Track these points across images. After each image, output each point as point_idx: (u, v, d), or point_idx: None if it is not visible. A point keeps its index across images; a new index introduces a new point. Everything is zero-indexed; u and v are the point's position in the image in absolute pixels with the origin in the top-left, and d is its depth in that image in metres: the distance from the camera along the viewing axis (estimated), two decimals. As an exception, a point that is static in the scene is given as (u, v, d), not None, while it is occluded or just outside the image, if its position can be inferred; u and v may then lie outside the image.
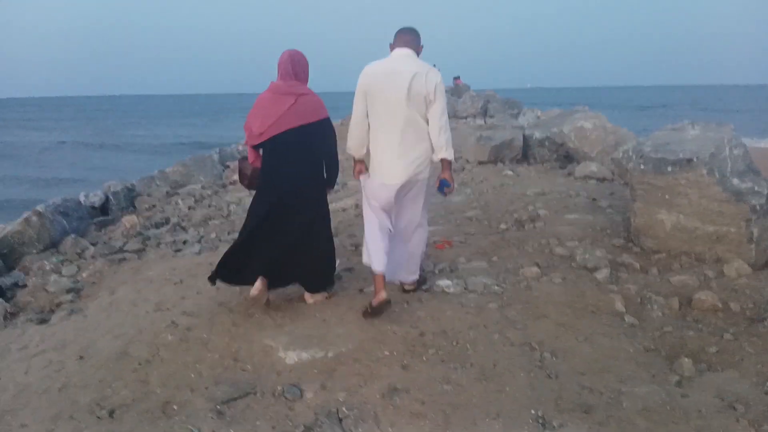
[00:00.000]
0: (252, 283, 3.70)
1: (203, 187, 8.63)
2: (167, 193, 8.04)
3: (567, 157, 8.94)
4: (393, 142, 3.54)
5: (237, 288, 4.23)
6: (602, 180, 7.61)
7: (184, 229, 6.39)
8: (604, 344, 3.20)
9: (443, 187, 3.66)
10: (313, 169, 3.73)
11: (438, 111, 3.51)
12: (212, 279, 3.83)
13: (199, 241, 5.81)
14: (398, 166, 3.56)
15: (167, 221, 6.68)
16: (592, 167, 7.69)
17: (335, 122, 4.09)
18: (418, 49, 3.64)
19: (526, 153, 9.54)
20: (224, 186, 9.24)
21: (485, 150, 9.22)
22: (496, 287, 4.05)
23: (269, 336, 3.45)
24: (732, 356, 3.00)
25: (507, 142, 9.33)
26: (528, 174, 8.41)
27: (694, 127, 4.93)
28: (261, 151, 3.75)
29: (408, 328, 3.46)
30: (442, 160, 3.61)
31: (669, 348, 3.14)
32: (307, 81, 3.74)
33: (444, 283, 4.15)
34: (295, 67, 3.63)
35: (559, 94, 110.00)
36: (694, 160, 4.47)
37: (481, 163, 9.33)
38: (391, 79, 3.47)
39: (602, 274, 4.10)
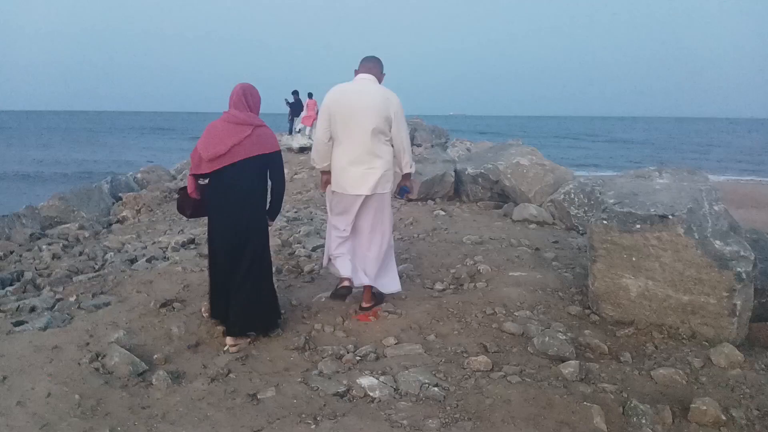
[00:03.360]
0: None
1: (81, 227, 7.16)
2: (31, 235, 6.55)
3: (502, 195, 8.20)
4: (359, 157, 3.83)
5: (76, 396, 3.01)
6: (542, 224, 6.88)
7: (37, 288, 5.01)
8: (592, 497, 2.25)
9: (403, 192, 4.31)
10: (261, 201, 3.74)
11: (402, 131, 3.93)
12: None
13: (52, 308, 4.47)
14: (365, 179, 3.85)
15: (19, 276, 5.26)
16: (532, 210, 6.94)
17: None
18: (380, 76, 4.00)
19: (458, 189, 8.74)
20: (109, 225, 7.80)
21: (415, 186, 8.31)
22: (435, 389, 3.05)
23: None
24: None
25: (438, 178, 8.50)
26: (461, 215, 7.57)
27: (662, 175, 4.20)
28: (207, 181, 3.67)
29: (314, 474, 2.38)
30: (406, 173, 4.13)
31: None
32: (258, 113, 3.72)
33: (367, 382, 3.11)
34: (248, 99, 3.62)
35: (481, 122, 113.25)
36: (670, 217, 3.70)
37: (410, 200, 8.41)
38: (357, 99, 3.80)
39: (569, 369, 3.19)
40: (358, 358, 3.47)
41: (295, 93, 20.59)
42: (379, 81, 3.99)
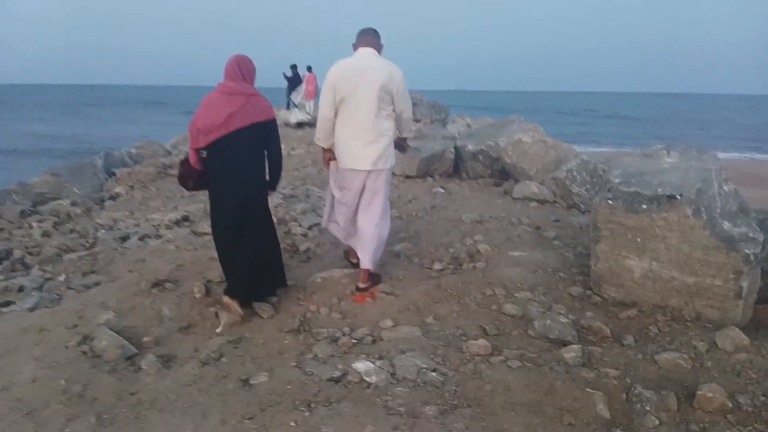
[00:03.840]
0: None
1: (73, 204, 7.00)
2: (22, 212, 6.40)
3: (502, 173, 8.06)
4: (362, 132, 3.81)
5: (62, 381, 2.92)
6: (543, 202, 6.75)
7: (27, 266, 4.88)
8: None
9: (400, 146, 4.25)
10: (261, 169, 3.75)
11: (404, 103, 3.93)
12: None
13: (40, 288, 4.35)
14: (368, 153, 3.83)
15: (8, 255, 5.13)
16: (533, 188, 6.81)
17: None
18: (379, 48, 3.96)
19: (458, 166, 8.58)
20: (102, 201, 7.64)
21: (414, 163, 8.17)
22: (433, 374, 2.95)
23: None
24: None
25: (438, 155, 8.33)
26: (461, 192, 7.43)
27: (670, 154, 4.06)
28: (205, 154, 3.65)
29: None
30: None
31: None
32: (253, 84, 3.74)
33: (363, 366, 3.01)
34: (242, 69, 3.63)
35: (481, 98, 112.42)
36: (678, 197, 3.57)
37: (408, 177, 8.28)
38: (361, 74, 3.76)
39: (571, 353, 3.09)
40: (354, 341, 3.37)
41: (294, 67, 20.23)
42: (379, 53, 3.95)
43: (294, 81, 19.86)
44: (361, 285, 4.07)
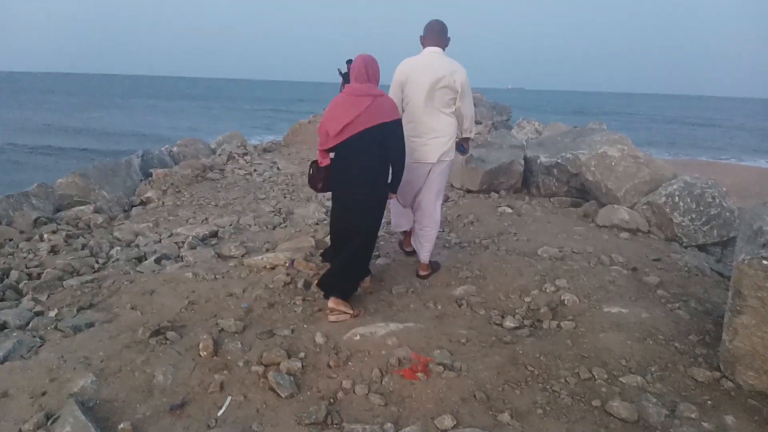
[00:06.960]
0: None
1: (96, 211, 6.34)
2: (36, 220, 5.74)
3: (580, 191, 6.91)
4: (425, 129, 4.02)
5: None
6: (635, 232, 5.59)
7: (19, 293, 4.16)
8: None
9: (462, 147, 4.38)
10: (383, 170, 3.71)
11: (468, 102, 4.08)
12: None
13: (26, 326, 3.61)
14: (430, 149, 4.04)
15: (4, 276, 4.43)
16: (623, 214, 5.65)
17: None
18: (446, 43, 4.09)
19: (526, 180, 7.48)
20: (130, 207, 6.95)
21: (476, 176, 7.13)
22: None
23: None
24: None
25: (505, 166, 7.25)
26: (532, 213, 6.33)
27: None
28: (332, 155, 3.73)
29: None
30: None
31: None
32: (378, 83, 3.74)
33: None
34: (368, 70, 3.67)
35: (541, 97, 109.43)
36: None
37: (469, 191, 7.25)
38: (425, 74, 3.94)
39: None
40: (399, 448, 2.42)
41: (350, 62, 19.47)
42: (445, 48, 4.09)
43: (349, 77, 19.12)
44: (422, 273, 4.35)
